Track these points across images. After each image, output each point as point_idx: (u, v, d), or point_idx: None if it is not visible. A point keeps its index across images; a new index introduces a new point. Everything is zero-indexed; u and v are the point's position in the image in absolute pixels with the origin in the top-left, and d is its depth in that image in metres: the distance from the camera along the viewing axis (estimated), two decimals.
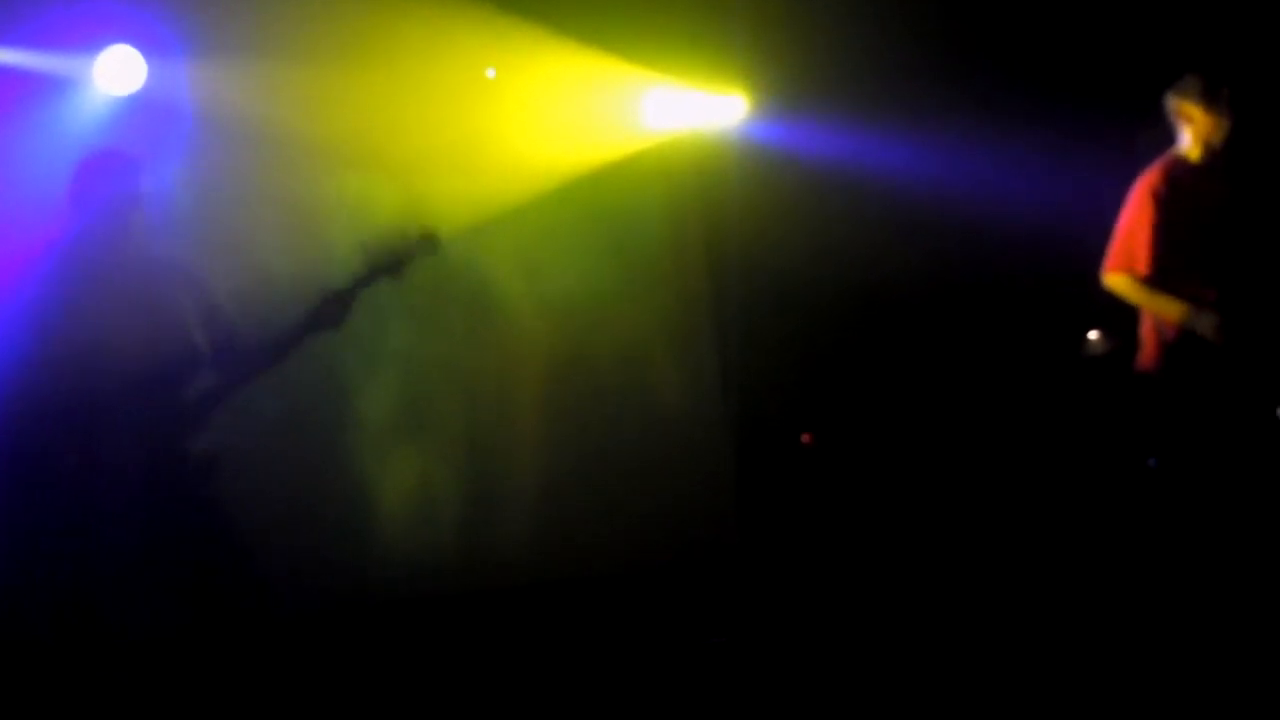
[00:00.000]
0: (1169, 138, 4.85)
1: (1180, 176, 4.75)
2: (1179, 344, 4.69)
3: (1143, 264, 4.72)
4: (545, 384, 6.30)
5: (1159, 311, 4.74)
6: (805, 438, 6.67)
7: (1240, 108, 4.70)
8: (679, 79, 6.23)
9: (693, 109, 6.30)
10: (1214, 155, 4.75)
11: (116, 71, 5.01)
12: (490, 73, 5.93)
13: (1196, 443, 4.69)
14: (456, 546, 6.00)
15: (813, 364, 6.54)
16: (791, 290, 6.42)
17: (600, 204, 6.26)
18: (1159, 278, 4.71)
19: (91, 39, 4.99)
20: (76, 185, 4.18)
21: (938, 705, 4.61)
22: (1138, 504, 4.91)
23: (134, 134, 4.88)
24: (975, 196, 6.04)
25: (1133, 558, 4.92)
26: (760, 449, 6.57)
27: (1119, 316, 5.02)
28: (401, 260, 4.26)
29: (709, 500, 6.47)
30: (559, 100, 6.01)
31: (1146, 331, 4.82)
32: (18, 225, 4.48)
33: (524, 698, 4.94)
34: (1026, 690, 4.61)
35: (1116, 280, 4.80)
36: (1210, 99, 4.72)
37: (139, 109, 5.02)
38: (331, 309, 4.19)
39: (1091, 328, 6.21)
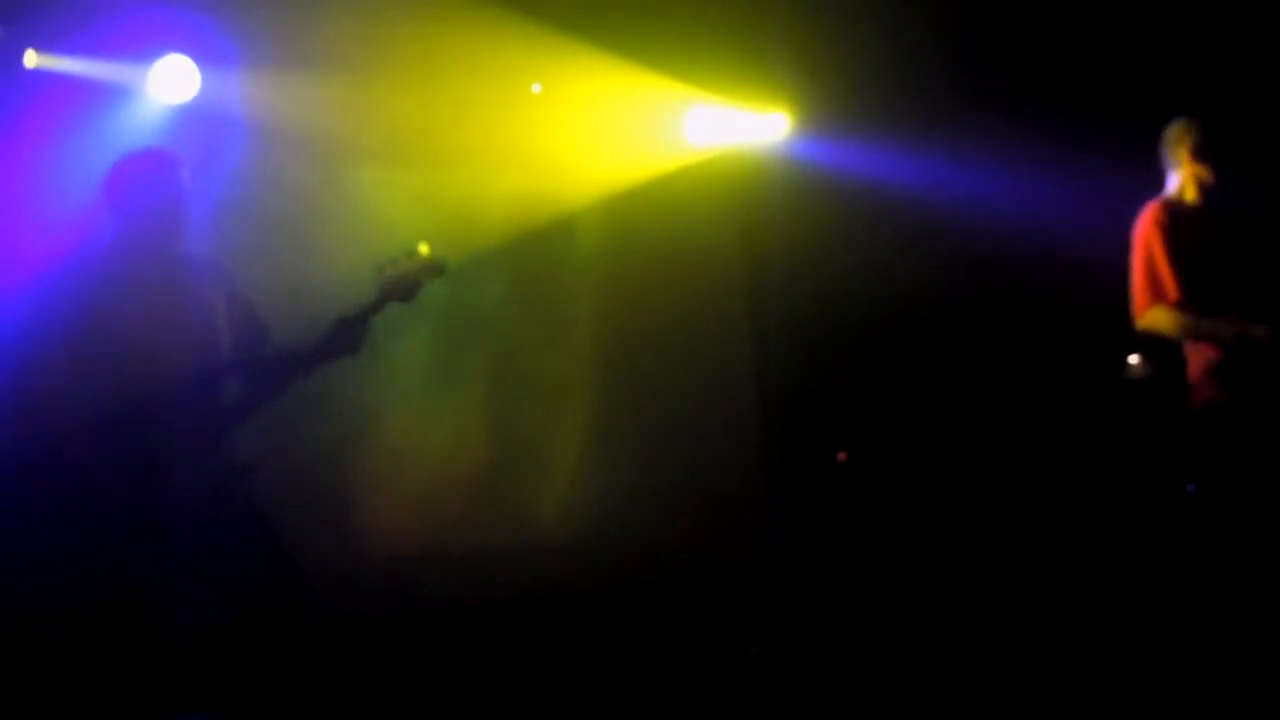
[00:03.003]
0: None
1: (1178, 211, 4.72)
2: (1227, 364, 4.60)
3: (1172, 289, 4.63)
4: (582, 401, 6.32)
5: (1203, 333, 4.63)
6: (840, 456, 6.68)
7: (1227, 159, 4.67)
8: (721, 96, 6.27)
9: (735, 126, 6.33)
10: (1206, 197, 4.73)
11: (171, 80, 5.07)
12: (536, 88, 5.98)
13: (1255, 468, 4.61)
14: (492, 557, 6.03)
15: (851, 382, 6.54)
16: (830, 308, 6.42)
17: (641, 220, 6.29)
18: (1195, 297, 4.65)
19: (146, 48, 5.05)
20: (115, 184, 4.21)
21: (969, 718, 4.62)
22: (1179, 528, 4.88)
23: (187, 143, 4.93)
24: (1017, 216, 6.03)
25: (1174, 578, 4.90)
26: (797, 465, 6.58)
27: (1159, 340, 4.98)
28: (413, 285, 4.28)
29: (745, 515, 6.48)
30: (603, 116, 6.05)
31: (1193, 369, 4.72)
32: (70, 231, 4.53)
33: (559, 707, 4.97)
34: (1060, 706, 4.61)
35: (1152, 316, 4.65)
36: (1199, 149, 4.71)
37: (192, 118, 5.09)
38: (346, 334, 4.21)
39: (1132, 351, 6.21)
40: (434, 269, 4.31)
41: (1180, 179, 4.75)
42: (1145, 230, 4.71)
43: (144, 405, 4.03)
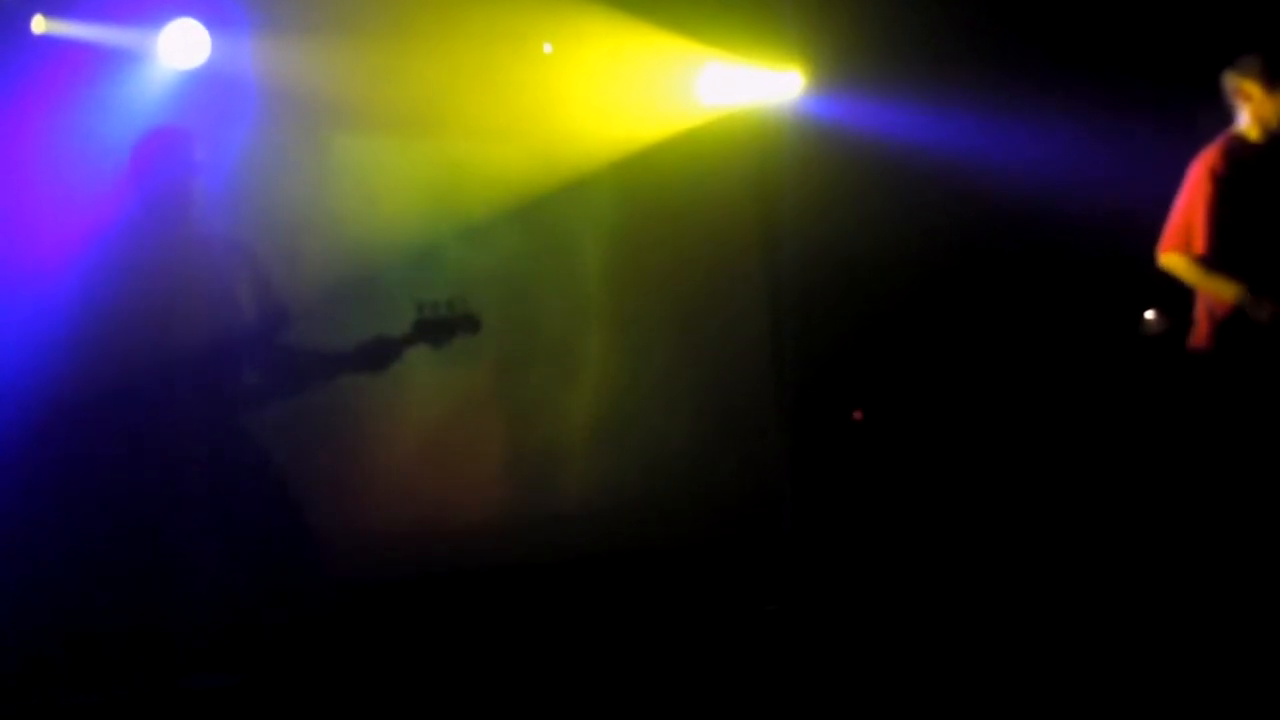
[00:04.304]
0: (1230, 116, 4.82)
1: (1239, 156, 4.72)
2: (1230, 322, 4.69)
3: (1200, 244, 4.71)
4: (598, 361, 6.32)
5: (1214, 292, 4.73)
6: (857, 414, 6.68)
7: None
8: (734, 54, 6.21)
9: (748, 84, 6.27)
10: (1273, 136, 4.72)
11: (181, 46, 5.00)
12: (547, 47, 5.94)
13: (1242, 421, 4.67)
14: (505, 521, 6.04)
15: (866, 340, 6.53)
16: (845, 266, 6.40)
17: (654, 180, 6.25)
18: (1216, 258, 4.70)
19: (156, 13, 4.99)
20: (134, 164, 4.22)
21: (985, 674, 4.62)
22: (1187, 483, 4.91)
23: (198, 109, 4.91)
24: (1033, 173, 6.01)
25: (1181, 534, 4.93)
26: (813, 425, 6.58)
27: (1176, 296, 5.01)
28: (446, 333, 4.48)
29: (763, 474, 6.48)
30: (615, 75, 6.01)
31: (1200, 310, 4.83)
32: (82, 201, 4.52)
33: (577, 669, 4.98)
34: (1076, 659, 4.62)
35: (1172, 260, 4.80)
36: (1271, 78, 4.69)
37: (203, 84, 5.04)
38: (376, 356, 4.38)
39: (1149, 307, 6.20)
40: (470, 324, 4.51)
41: (1248, 116, 4.74)
42: (1199, 175, 4.74)
43: (159, 380, 4.03)
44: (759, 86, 6.30)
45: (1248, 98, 4.73)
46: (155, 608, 4.03)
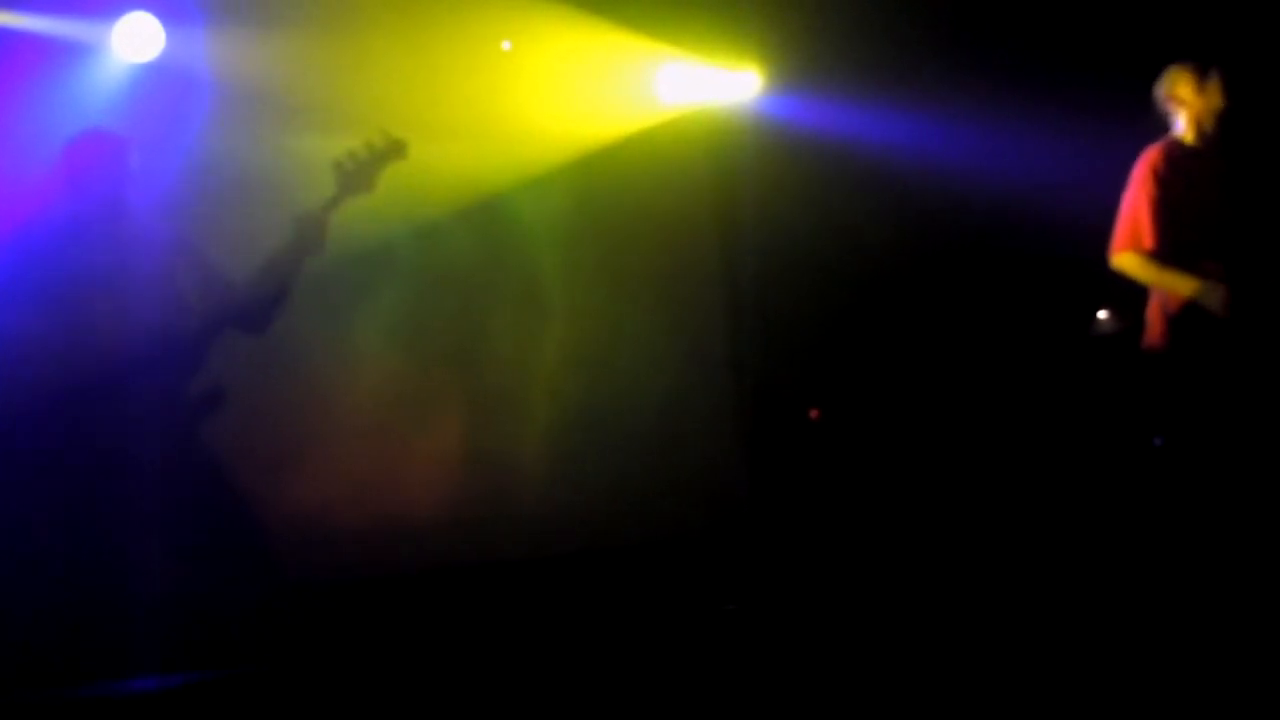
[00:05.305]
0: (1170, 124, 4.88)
1: (1178, 157, 4.78)
2: (1183, 317, 4.73)
3: (1149, 240, 4.75)
4: (556, 358, 6.31)
5: (1168, 287, 4.76)
6: (813, 413, 6.70)
7: (1233, 89, 4.72)
8: (693, 54, 6.23)
9: (706, 84, 6.29)
10: (1208, 138, 4.77)
11: (134, 39, 4.97)
12: (506, 45, 5.93)
13: (1202, 418, 4.71)
14: (462, 520, 6.02)
15: (824, 339, 6.55)
16: (803, 266, 6.43)
17: (612, 179, 6.25)
18: (1166, 253, 4.74)
19: (109, 5, 4.96)
20: (65, 169, 4.17)
21: (945, 674, 4.64)
22: (1145, 481, 4.95)
23: (151, 104, 4.87)
24: (990, 174, 6.04)
25: (1140, 535, 4.96)
26: (771, 423, 6.59)
27: (1129, 297, 5.05)
28: (372, 174, 4.20)
29: (720, 473, 6.50)
30: (573, 73, 6.01)
31: (1152, 309, 4.87)
32: (29, 195, 4.46)
33: (536, 668, 4.97)
34: (1032, 658, 4.64)
35: (1124, 260, 4.84)
36: (1202, 81, 4.74)
37: (156, 78, 5.00)
38: (306, 234, 4.14)
39: (1102, 307, 6.25)
40: (393, 151, 4.23)
41: (1183, 122, 4.79)
42: (1142, 174, 4.80)
43: (102, 383, 3.99)
44: (717, 86, 6.31)
45: (1181, 102, 4.80)
46: (106, 608, 3.98)
